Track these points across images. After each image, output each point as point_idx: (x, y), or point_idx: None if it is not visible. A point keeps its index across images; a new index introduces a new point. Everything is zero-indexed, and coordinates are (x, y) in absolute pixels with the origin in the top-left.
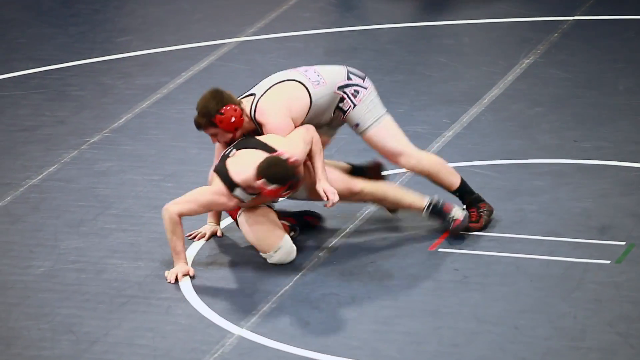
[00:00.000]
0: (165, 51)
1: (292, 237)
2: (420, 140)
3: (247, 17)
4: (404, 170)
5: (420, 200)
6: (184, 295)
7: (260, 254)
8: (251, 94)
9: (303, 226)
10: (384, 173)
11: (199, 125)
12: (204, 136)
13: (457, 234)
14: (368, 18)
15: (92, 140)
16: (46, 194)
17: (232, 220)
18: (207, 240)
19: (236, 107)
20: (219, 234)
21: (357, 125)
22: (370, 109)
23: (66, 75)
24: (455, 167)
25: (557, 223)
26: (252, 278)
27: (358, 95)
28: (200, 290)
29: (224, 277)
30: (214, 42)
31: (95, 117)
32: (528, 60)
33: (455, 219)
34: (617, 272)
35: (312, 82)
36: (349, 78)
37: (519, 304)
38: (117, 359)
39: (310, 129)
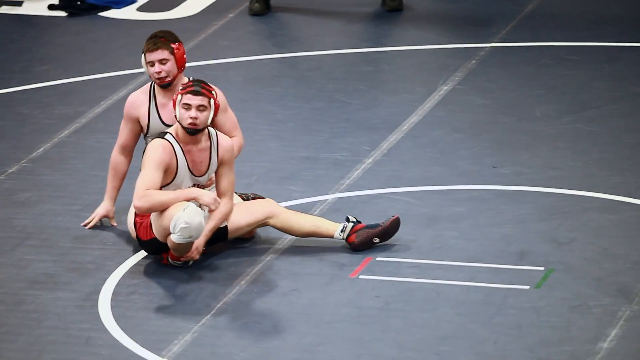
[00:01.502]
0: (84, 80)
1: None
2: (340, 168)
3: None
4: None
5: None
6: (104, 326)
7: (171, 229)
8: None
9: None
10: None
11: (160, 43)
12: None
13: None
14: (287, 46)
15: (10, 171)
16: None
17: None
18: (95, 223)
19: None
20: (111, 219)
21: None
22: None
23: None
24: (375, 194)
25: (477, 249)
26: (173, 307)
27: None
28: (120, 320)
29: (144, 307)
30: (132, 70)
31: (13, 147)
32: (447, 87)
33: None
34: (536, 297)
35: None
36: None
37: (440, 330)
38: None
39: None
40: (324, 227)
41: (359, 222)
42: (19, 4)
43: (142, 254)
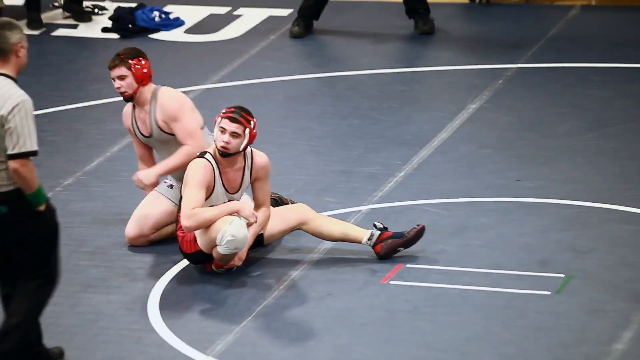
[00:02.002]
0: None
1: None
2: (374, 181)
3: (212, 65)
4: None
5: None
6: (152, 326)
7: (218, 242)
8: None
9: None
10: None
11: (118, 60)
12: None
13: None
14: (325, 66)
15: (66, 183)
16: None
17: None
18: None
19: (149, 66)
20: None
21: None
22: None
23: (41, 121)
24: (406, 206)
25: (501, 257)
26: (216, 310)
27: None
28: (168, 321)
29: (190, 309)
30: (180, 89)
31: (68, 160)
32: (475, 106)
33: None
34: (555, 302)
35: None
36: None
37: (466, 332)
38: None
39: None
40: (352, 234)
41: (385, 228)
42: (75, 27)
43: (187, 261)
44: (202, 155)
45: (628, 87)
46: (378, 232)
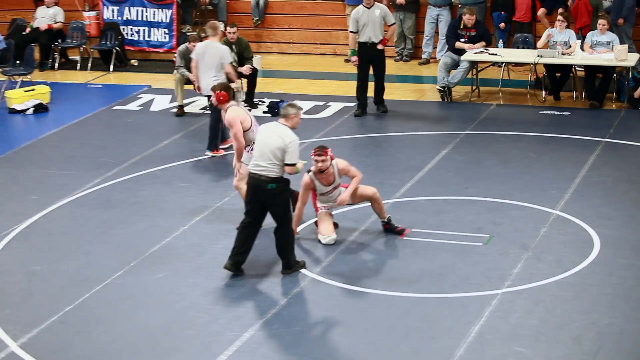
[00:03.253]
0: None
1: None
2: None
3: (318, 128)
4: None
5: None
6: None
7: (319, 235)
8: None
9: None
10: None
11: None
12: None
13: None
14: (362, 131)
15: None
16: None
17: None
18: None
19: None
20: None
21: None
22: None
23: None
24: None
25: (458, 226)
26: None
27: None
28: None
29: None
30: (304, 140)
31: None
32: (445, 151)
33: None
34: (484, 248)
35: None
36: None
37: (438, 263)
38: None
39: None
40: (382, 213)
41: (389, 222)
42: (251, 110)
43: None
44: (308, 171)
45: (519, 144)
46: (382, 222)
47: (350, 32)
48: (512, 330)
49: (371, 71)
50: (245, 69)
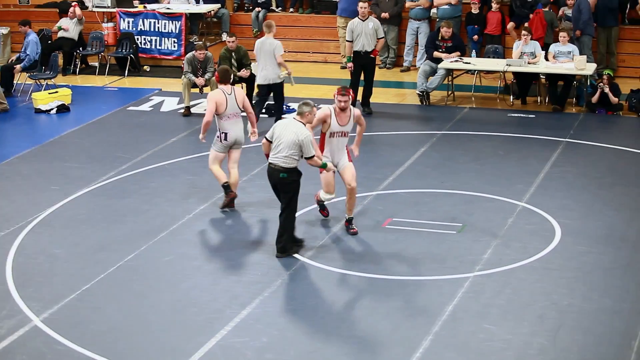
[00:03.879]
0: None
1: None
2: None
3: None
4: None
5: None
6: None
7: (322, 193)
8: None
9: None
10: None
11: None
12: None
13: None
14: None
15: None
16: None
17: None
18: None
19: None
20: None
21: None
22: None
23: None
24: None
25: (434, 216)
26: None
27: None
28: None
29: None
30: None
31: None
32: (423, 148)
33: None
34: (458, 236)
35: None
36: None
37: (417, 249)
38: None
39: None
40: (351, 210)
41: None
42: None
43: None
44: (328, 106)
45: (489, 143)
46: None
47: (347, 41)
48: (482, 309)
49: (362, 77)
50: (243, 73)
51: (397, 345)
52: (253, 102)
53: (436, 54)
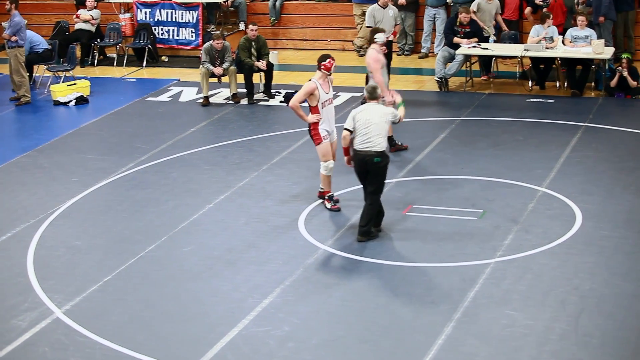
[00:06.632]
0: None
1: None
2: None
3: None
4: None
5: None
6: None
7: (322, 168)
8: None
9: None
10: None
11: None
12: None
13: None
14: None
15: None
16: None
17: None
18: None
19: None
20: None
21: None
22: None
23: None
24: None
25: (454, 202)
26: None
27: None
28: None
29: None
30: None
31: None
32: (443, 135)
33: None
34: (479, 221)
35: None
36: None
37: (441, 233)
38: None
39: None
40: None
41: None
42: (267, 100)
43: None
44: (310, 79)
45: (508, 128)
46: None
47: (367, 27)
48: (504, 295)
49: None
50: (261, 65)
51: (419, 333)
52: (273, 91)
53: (456, 39)
